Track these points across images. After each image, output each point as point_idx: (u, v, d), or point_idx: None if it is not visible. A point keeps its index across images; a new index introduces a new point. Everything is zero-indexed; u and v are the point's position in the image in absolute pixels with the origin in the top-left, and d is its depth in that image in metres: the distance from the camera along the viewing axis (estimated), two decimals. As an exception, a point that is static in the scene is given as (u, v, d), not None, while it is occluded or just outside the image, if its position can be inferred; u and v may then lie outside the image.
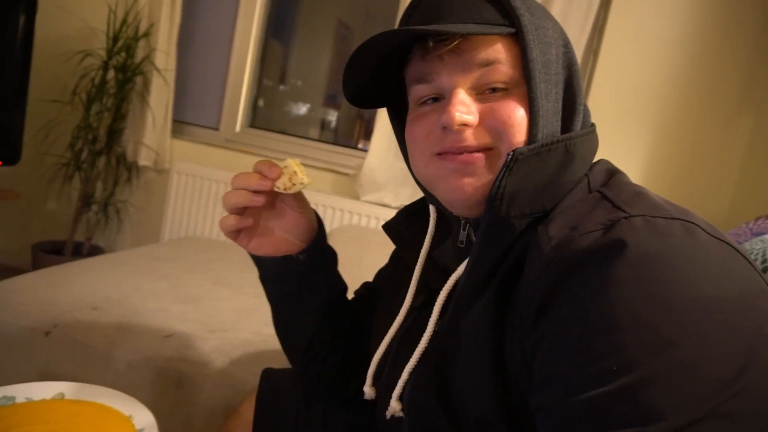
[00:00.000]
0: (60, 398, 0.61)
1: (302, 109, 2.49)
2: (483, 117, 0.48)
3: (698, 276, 0.36)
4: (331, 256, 0.70)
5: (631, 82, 1.95)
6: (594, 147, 0.52)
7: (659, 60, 1.93)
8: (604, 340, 0.35)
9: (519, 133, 0.47)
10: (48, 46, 2.26)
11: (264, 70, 2.45)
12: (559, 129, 0.49)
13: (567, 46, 0.50)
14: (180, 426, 1.07)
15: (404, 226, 0.62)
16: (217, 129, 2.41)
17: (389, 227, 0.64)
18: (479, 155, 0.48)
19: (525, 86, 0.47)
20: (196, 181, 2.24)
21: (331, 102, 2.45)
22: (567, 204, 0.46)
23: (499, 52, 0.47)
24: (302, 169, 0.58)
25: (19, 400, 0.59)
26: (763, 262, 1.02)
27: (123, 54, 2.17)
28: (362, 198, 2.13)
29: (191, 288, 1.44)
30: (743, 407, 0.33)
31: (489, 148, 0.48)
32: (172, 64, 2.22)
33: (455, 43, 0.46)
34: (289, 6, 2.45)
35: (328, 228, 2.12)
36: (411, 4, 0.53)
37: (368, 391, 0.62)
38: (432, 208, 0.60)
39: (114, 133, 2.23)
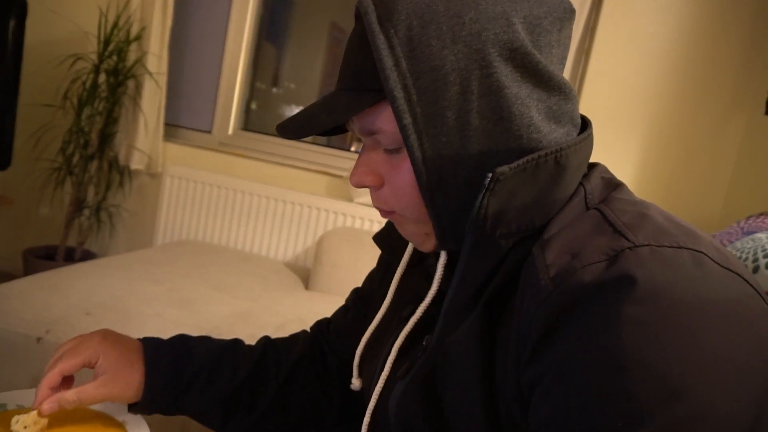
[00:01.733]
0: (53, 405, 0.61)
1: (295, 111, 2.49)
2: (385, 178, 0.48)
3: (710, 319, 0.33)
4: (181, 382, 0.63)
5: (623, 82, 1.97)
6: (589, 152, 0.47)
7: (652, 60, 1.94)
8: (610, 386, 0.33)
9: (413, 202, 0.46)
10: (39, 50, 2.25)
11: (257, 72, 2.45)
12: (489, 165, 0.42)
13: (490, 66, 0.41)
14: (175, 430, 1.07)
15: (395, 234, 0.60)
16: (209, 132, 2.40)
17: (380, 237, 0.62)
18: (391, 214, 0.49)
19: None
20: (189, 184, 2.24)
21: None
22: (563, 221, 0.43)
23: (378, 121, 0.45)
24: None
25: (10, 407, 0.59)
26: (755, 261, 1.03)
27: (114, 57, 2.16)
28: (356, 200, 2.13)
29: (186, 292, 1.43)
30: None
31: (394, 212, 0.49)
32: (164, 68, 2.21)
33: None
34: (282, 8, 2.45)
35: (321, 230, 2.12)
36: None
37: (356, 382, 0.62)
38: None
39: (106, 137, 2.22)
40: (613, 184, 0.47)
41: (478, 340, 0.43)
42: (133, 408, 0.62)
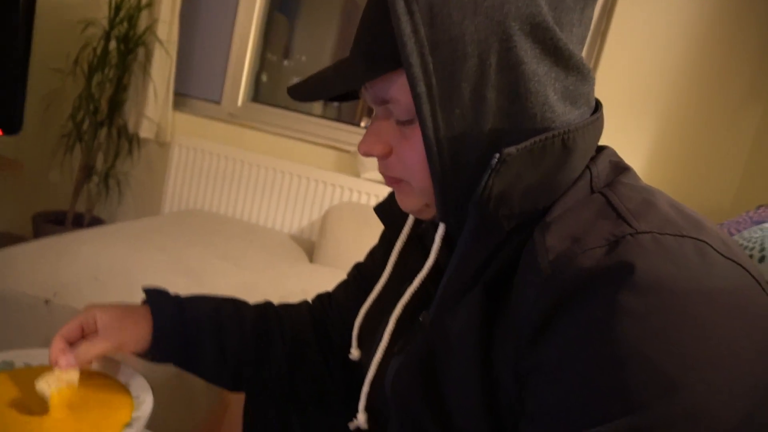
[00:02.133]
0: (58, 364, 0.62)
1: (306, 83, 2.47)
2: (394, 148, 0.48)
3: (710, 311, 0.33)
4: (189, 328, 0.65)
5: (639, 66, 1.93)
6: (598, 135, 0.46)
7: (668, 46, 1.90)
8: (607, 379, 0.33)
9: (422, 173, 0.45)
10: (50, 14, 2.23)
11: (268, 44, 2.43)
12: (501, 143, 0.42)
13: (510, 40, 0.40)
14: (178, 395, 1.09)
15: (396, 208, 0.59)
16: (219, 103, 2.40)
17: (381, 209, 0.62)
18: (397, 182, 0.50)
19: None
20: (197, 154, 2.24)
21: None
22: (567, 204, 0.42)
23: (391, 89, 0.44)
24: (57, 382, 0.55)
25: (18, 365, 0.60)
26: (761, 250, 1.02)
27: (125, 24, 2.14)
28: (363, 175, 2.13)
29: (191, 261, 1.45)
30: None
31: (401, 180, 0.49)
32: (174, 36, 2.20)
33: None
34: (295, -21, 2.41)
35: (327, 205, 2.13)
36: None
37: (355, 353, 0.63)
38: None
39: (115, 105, 2.22)
40: (621, 168, 0.46)
41: (477, 321, 0.43)
42: (145, 355, 0.63)
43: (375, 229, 0.70)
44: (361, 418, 0.58)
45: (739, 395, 0.32)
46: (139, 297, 0.68)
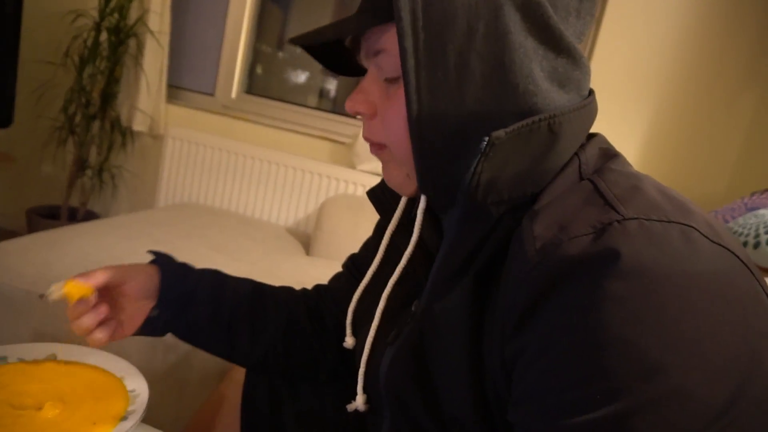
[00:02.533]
0: (52, 359, 0.62)
1: (301, 76, 2.45)
2: (379, 109, 0.49)
3: (695, 295, 0.33)
4: (196, 282, 0.69)
5: (634, 52, 1.92)
6: (587, 123, 0.46)
7: (664, 32, 1.89)
8: (590, 363, 0.33)
9: (401, 136, 0.46)
10: (39, 5, 2.21)
11: (262, 35, 2.40)
12: (481, 112, 0.42)
13: (500, 9, 0.41)
14: (174, 389, 1.09)
15: (388, 193, 0.60)
16: (212, 95, 2.38)
17: (373, 193, 0.62)
18: (380, 149, 0.50)
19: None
20: (191, 147, 2.22)
21: (329, 69, 2.41)
22: (555, 192, 0.42)
23: (385, 41, 0.45)
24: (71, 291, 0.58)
25: (11, 360, 0.60)
26: (756, 236, 1.03)
27: (116, 15, 2.12)
28: (358, 167, 2.12)
29: (186, 253, 1.44)
30: None
31: (383, 144, 0.50)
32: (166, 27, 2.17)
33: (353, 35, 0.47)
34: (287, -32, 2.39)
35: (323, 197, 2.12)
36: None
37: (349, 340, 0.64)
38: None
39: (108, 97, 2.20)
40: (609, 155, 0.46)
41: (467, 309, 0.43)
42: (147, 322, 0.66)
43: (371, 220, 0.70)
44: (359, 400, 0.58)
45: (723, 376, 0.32)
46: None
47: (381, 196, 0.61)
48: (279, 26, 2.46)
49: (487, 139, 0.40)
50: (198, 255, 1.46)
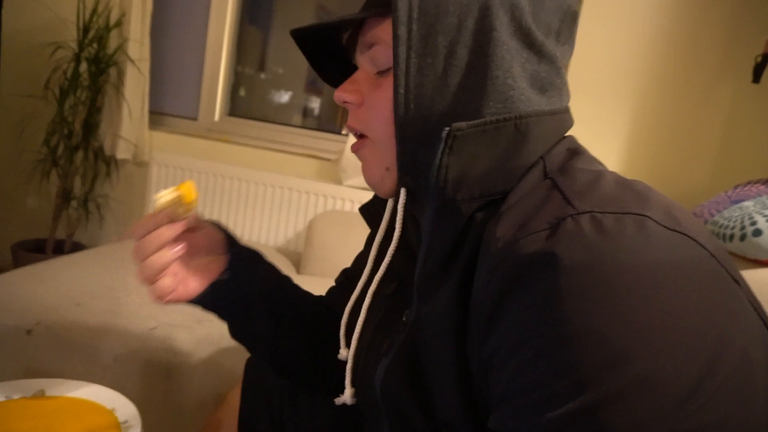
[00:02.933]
0: (40, 395, 0.60)
1: (284, 96, 2.46)
2: (366, 98, 0.51)
3: (653, 282, 0.33)
4: (254, 256, 0.67)
5: (611, 53, 1.95)
6: (557, 130, 0.48)
7: (639, 30, 1.93)
8: (555, 358, 0.33)
9: (385, 122, 0.48)
10: (16, 38, 2.20)
11: (243, 57, 2.41)
12: (462, 101, 0.45)
13: (487, 9, 0.44)
14: (170, 416, 1.07)
15: (380, 207, 0.60)
16: (195, 119, 2.37)
17: (365, 208, 0.63)
18: (361, 143, 0.52)
19: None
20: (177, 172, 2.21)
21: (312, 87, 2.42)
22: (519, 193, 0.43)
23: (381, 32, 0.48)
24: (186, 189, 0.54)
25: (-1, 398, 0.59)
26: (742, 229, 1.04)
27: (95, 45, 2.12)
28: (345, 183, 2.12)
29: (176, 280, 1.43)
30: (708, 420, 0.31)
31: (364, 135, 0.52)
32: (146, 54, 2.17)
33: (352, 28, 0.51)
34: (264, -10, 2.41)
35: (311, 214, 2.12)
36: None
37: (343, 352, 0.63)
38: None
39: (90, 127, 2.19)
40: (574, 153, 0.47)
41: (452, 312, 0.44)
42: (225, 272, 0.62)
43: (361, 235, 0.70)
44: (347, 393, 0.58)
45: (689, 357, 0.32)
46: (125, 319, 0.67)
47: (372, 209, 0.63)
48: (259, 48, 2.47)
49: (447, 129, 0.42)
50: (188, 280, 1.44)
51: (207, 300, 0.61)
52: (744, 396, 0.32)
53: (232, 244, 0.63)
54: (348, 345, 0.63)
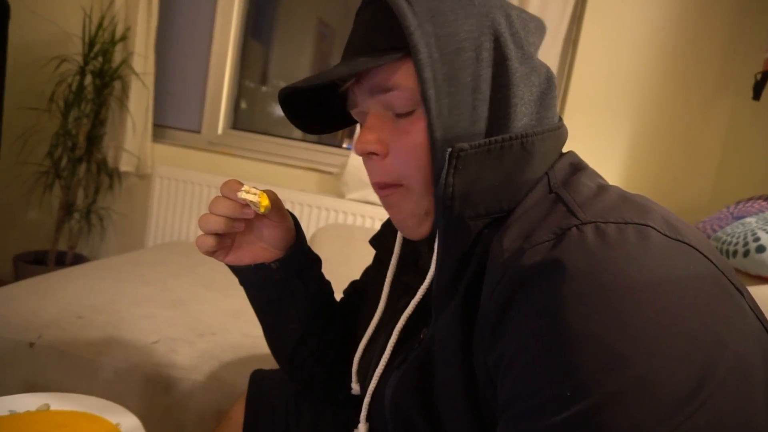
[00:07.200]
0: (45, 409, 0.60)
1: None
2: (391, 146, 0.49)
3: (651, 287, 0.34)
4: (311, 262, 0.69)
5: (611, 71, 1.97)
6: (558, 144, 0.50)
7: (638, 47, 1.95)
8: (556, 363, 0.34)
9: (421, 166, 0.47)
10: (23, 53, 2.22)
11: (245, 71, 2.43)
12: (491, 131, 0.46)
13: (498, 40, 0.46)
14: (171, 431, 1.06)
15: (391, 237, 0.62)
16: (198, 132, 2.39)
17: (376, 240, 0.65)
18: (391, 190, 0.51)
19: None
20: (179, 185, 2.22)
21: (313, 101, 2.43)
22: (525, 207, 0.44)
23: (395, 76, 0.47)
24: (264, 198, 0.57)
25: (2, 413, 0.58)
26: (745, 245, 1.04)
27: (100, 59, 2.14)
28: (347, 196, 2.13)
29: (177, 293, 1.42)
30: (706, 422, 0.31)
31: (398, 184, 0.50)
32: (150, 68, 2.19)
33: (354, 76, 0.49)
34: (268, 6, 2.43)
35: (313, 227, 2.12)
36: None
37: (355, 387, 0.63)
38: None
39: (94, 140, 2.20)
40: (578, 168, 0.49)
41: (459, 326, 0.44)
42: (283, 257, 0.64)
43: (363, 249, 0.71)
44: (362, 429, 0.58)
45: (686, 361, 0.32)
46: (127, 333, 0.68)
47: (383, 241, 0.65)
48: (261, 62, 2.49)
49: (450, 150, 0.43)
50: (190, 293, 1.44)
51: (248, 277, 0.66)
52: (741, 398, 0.32)
53: (293, 246, 0.65)
54: (359, 381, 0.63)
